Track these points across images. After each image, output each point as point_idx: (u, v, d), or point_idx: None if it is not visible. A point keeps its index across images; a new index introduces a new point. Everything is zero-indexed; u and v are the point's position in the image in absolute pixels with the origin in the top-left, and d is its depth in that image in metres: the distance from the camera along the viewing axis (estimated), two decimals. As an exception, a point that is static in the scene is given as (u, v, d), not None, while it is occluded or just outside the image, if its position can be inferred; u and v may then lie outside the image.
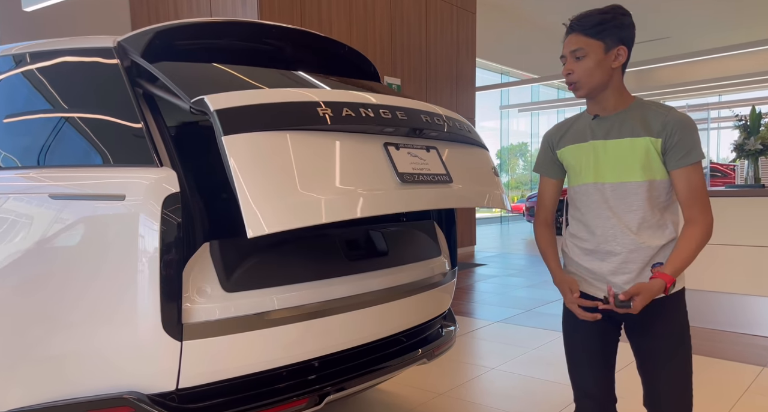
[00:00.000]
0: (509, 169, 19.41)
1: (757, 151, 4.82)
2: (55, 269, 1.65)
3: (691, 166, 1.43)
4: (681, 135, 1.42)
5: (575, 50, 1.46)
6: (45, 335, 1.64)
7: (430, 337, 2.31)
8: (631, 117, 1.48)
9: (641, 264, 1.48)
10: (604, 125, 1.52)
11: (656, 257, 1.48)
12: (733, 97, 14.40)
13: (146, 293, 1.49)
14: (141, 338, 1.53)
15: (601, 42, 1.45)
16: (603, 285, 1.53)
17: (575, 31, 1.47)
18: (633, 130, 1.47)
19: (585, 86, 1.48)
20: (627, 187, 1.47)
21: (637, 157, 1.46)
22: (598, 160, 1.51)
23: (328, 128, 1.52)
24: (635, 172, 1.46)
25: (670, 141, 1.43)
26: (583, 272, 1.58)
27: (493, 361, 3.41)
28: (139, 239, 1.53)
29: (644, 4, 11.04)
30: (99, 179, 1.68)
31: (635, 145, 1.46)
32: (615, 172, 1.49)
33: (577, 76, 1.47)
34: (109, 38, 1.86)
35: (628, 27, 1.48)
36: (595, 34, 1.44)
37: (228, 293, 1.57)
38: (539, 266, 7.44)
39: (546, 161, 1.69)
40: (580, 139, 1.56)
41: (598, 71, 1.45)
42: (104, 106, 1.80)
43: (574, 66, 1.47)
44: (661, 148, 1.44)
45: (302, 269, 1.74)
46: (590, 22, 1.45)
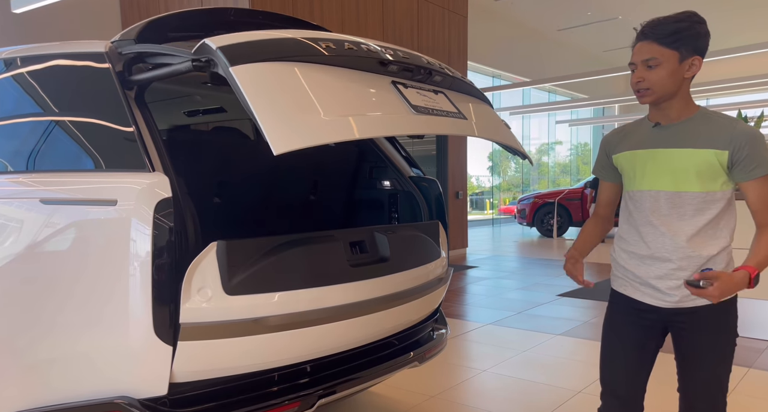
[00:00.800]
0: (501, 171, 19.51)
1: (744, 155, 4.91)
2: (46, 273, 1.65)
3: (762, 178, 1.43)
4: (750, 148, 1.41)
5: (648, 59, 1.43)
6: (36, 339, 1.64)
7: (421, 340, 2.32)
8: (694, 127, 1.47)
9: (691, 272, 1.47)
10: (665, 134, 1.51)
11: (707, 264, 1.48)
12: (721, 101, 14.58)
13: (138, 298, 1.50)
14: (133, 343, 1.53)
15: (677, 52, 1.42)
16: (648, 289, 1.54)
17: (649, 38, 1.43)
18: (696, 141, 1.46)
19: (655, 94, 1.46)
20: (683, 197, 1.47)
21: (696, 168, 1.45)
22: (656, 168, 1.51)
23: (332, 61, 1.51)
24: (692, 182, 1.46)
25: (738, 154, 1.42)
26: (630, 275, 1.59)
27: (485, 363, 3.43)
28: (131, 243, 1.53)
29: (632, 6, 11.16)
30: (90, 184, 1.68)
31: (697, 156, 1.45)
32: (672, 181, 1.48)
33: (648, 84, 1.45)
34: (101, 43, 1.86)
35: (703, 36, 1.44)
36: (671, 44, 1.41)
37: (229, 296, 1.56)
38: (531, 268, 7.48)
39: (602, 165, 1.71)
40: (638, 145, 1.56)
41: (671, 81, 1.43)
42: (96, 110, 1.80)
43: (646, 74, 1.44)
44: (727, 162, 1.43)
45: (305, 274, 1.72)
46: (666, 30, 1.41)
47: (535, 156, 19.43)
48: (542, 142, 18.69)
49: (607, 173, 1.70)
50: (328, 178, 2.64)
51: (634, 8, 11.25)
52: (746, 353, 3.58)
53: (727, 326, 1.53)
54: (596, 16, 11.64)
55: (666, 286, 1.52)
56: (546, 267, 7.53)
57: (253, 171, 2.34)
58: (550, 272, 7.05)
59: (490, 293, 5.66)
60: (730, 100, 14.24)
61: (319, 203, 2.67)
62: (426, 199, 2.51)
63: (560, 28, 12.21)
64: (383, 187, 2.66)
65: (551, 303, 5.19)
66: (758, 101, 12.98)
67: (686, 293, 1.49)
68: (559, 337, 4.01)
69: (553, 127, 17.55)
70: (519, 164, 19.25)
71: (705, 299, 1.40)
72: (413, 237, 2.14)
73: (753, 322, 3.89)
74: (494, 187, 18.90)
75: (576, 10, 11.26)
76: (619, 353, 1.62)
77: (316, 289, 1.71)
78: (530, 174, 19.57)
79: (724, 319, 1.52)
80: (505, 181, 19.73)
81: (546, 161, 19.75)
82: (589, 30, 12.46)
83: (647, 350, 1.61)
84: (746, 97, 14.16)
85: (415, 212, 2.52)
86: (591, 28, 12.34)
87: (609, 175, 1.70)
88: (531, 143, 18.01)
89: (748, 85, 11.01)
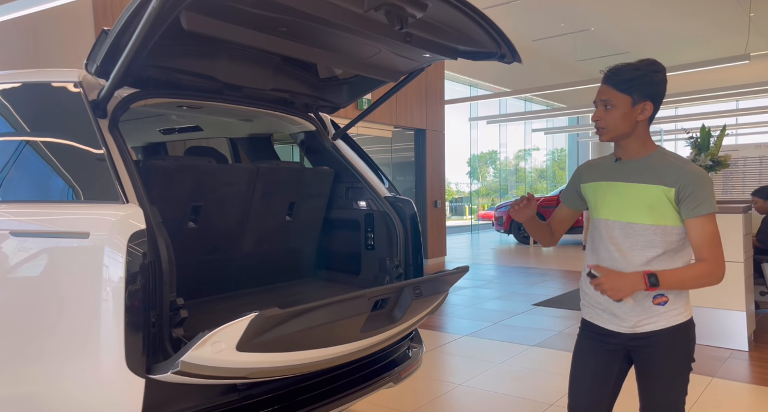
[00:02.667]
0: (480, 176, 19.72)
1: (707, 167, 5.09)
2: (17, 305, 1.64)
3: (704, 216, 1.52)
4: (694, 187, 1.51)
5: (605, 100, 1.57)
6: (7, 372, 1.63)
7: (397, 359, 2.36)
8: (649, 165, 1.59)
9: (641, 296, 1.57)
10: (623, 169, 1.63)
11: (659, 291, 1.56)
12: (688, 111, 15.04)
13: (110, 335, 1.50)
14: (104, 375, 1.53)
15: (629, 96, 1.54)
16: (607, 315, 1.64)
17: (608, 82, 1.57)
18: (648, 177, 1.57)
19: (609, 133, 1.59)
20: (635, 228, 1.58)
21: (647, 202, 1.56)
22: (614, 199, 1.63)
23: None
24: (644, 215, 1.57)
25: (684, 192, 1.52)
26: (592, 302, 1.69)
27: (460, 377, 3.48)
28: (104, 274, 1.53)
29: (604, 19, 11.46)
30: (62, 216, 1.67)
31: (648, 191, 1.56)
32: (626, 213, 1.60)
33: (603, 123, 1.58)
34: (75, 72, 1.86)
35: (657, 84, 1.55)
36: (625, 89, 1.54)
37: (239, 351, 1.53)
38: (508, 276, 7.59)
39: (569, 190, 1.83)
40: (602, 178, 1.68)
41: (623, 122, 1.56)
42: (69, 141, 1.79)
43: (602, 114, 1.58)
44: (674, 198, 1.53)
45: (319, 338, 1.72)
46: (622, 77, 1.54)
47: (512, 162, 19.71)
48: (519, 148, 18.98)
49: (571, 199, 1.82)
50: (304, 199, 2.67)
51: (605, 20, 11.55)
52: (709, 361, 3.70)
53: (684, 350, 1.61)
54: (569, 28, 11.91)
55: (621, 311, 1.60)
56: (523, 275, 7.65)
57: (228, 194, 2.35)
58: (526, 281, 7.16)
59: (468, 303, 5.73)
60: (697, 109, 14.70)
61: (295, 224, 2.69)
62: (401, 219, 2.55)
63: (535, 38, 12.45)
64: (359, 207, 2.69)
65: (527, 313, 5.28)
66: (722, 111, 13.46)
67: (641, 318, 1.58)
68: (533, 348, 4.09)
69: (529, 134, 17.84)
70: (497, 169, 19.49)
71: (602, 292, 1.53)
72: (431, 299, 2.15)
73: (715, 330, 4.03)
74: (473, 192, 19.10)
75: (550, 21, 11.51)
76: (586, 377, 1.70)
77: (323, 349, 1.74)
78: (508, 179, 19.82)
79: (681, 343, 1.60)
80: (483, 186, 19.95)
81: (523, 167, 20.04)
82: (563, 40, 12.74)
83: (612, 375, 1.68)
84: (714, 108, 14.64)
85: (391, 231, 2.56)
86: (565, 39, 12.61)
87: (572, 202, 1.83)
88: (508, 149, 18.27)
89: (713, 96, 11.40)
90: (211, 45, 2.07)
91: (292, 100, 2.57)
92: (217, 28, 1.68)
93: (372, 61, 2.17)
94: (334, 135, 2.76)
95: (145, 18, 1.47)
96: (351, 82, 2.56)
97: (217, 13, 1.65)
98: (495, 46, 2.00)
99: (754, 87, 10.15)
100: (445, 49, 2.06)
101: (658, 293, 1.57)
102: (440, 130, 9.08)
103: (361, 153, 2.80)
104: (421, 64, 2.29)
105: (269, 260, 2.65)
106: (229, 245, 2.46)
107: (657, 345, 1.59)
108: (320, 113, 2.75)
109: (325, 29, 1.85)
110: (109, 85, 1.70)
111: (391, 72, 2.32)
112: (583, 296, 1.74)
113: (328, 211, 2.77)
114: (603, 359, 1.67)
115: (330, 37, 1.94)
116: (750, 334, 4.02)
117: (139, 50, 1.57)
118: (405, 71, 2.35)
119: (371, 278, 2.61)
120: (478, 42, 2.01)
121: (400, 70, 2.33)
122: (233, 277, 2.52)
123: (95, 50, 1.74)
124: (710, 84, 11.55)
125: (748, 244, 4.18)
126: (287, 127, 2.80)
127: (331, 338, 1.76)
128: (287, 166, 2.62)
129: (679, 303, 1.59)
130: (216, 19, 1.66)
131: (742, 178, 6.85)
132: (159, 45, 1.78)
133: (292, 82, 2.47)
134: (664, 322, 1.58)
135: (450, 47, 2.06)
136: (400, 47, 2.02)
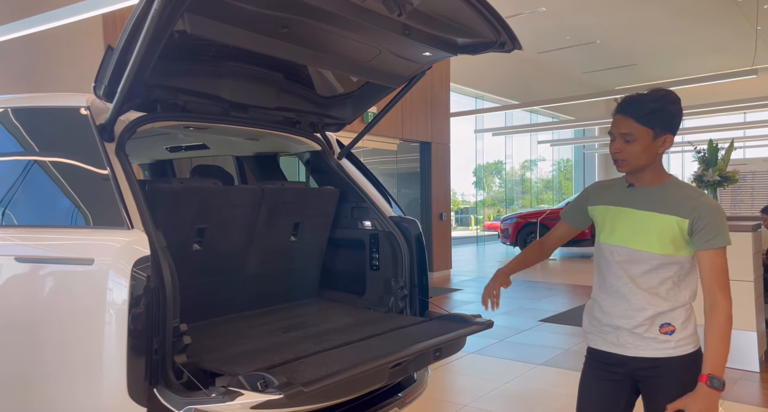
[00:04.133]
0: (486, 187, 19.68)
1: (715, 183, 5.05)
2: (18, 331, 1.64)
3: (716, 250, 1.50)
4: (709, 220, 1.49)
5: (626, 134, 1.54)
6: (8, 397, 1.62)
7: (402, 383, 2.33)
8: (662, 194, 1.57)
9: (647, 319, 1.56)
10: (636, 195, 1.61)
11: (664, 316, 1.56)
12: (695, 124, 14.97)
13: (112, 362, 1.49)
14: (105, 402, 1.52)
15: (651, 130, 1.52)
16: (612, 337, 1.61)
17: (627, 113, 1.53)
18: (661, 206, 1.55)
19: (629, 166, 1.57)
20: (642, 256, 1.56)
21: (657, 231, 1.54)
22: (623, 225, 1.60)
23: None
24: (653, 244, 1.55)
25: (698, 223, 1.50)
26: (597, 325, 1.66)
27: (467, 397, 3.44)
28: (108, 299, 1.52)
29: (610, 31, 11.48)
30: (67, 241, 1.68)
31: (660, 220, 1.54)
32: (634, 240, 1.57)
33: (624, 156, 1.56)
34: (83, 96, 1.88)
35: (676, 115, 1.54)
36: (646, 123, 1.52)
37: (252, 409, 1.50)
38: (514, 291, 7.53)
39: (574, 208, 1.79)
40: (612, 202, 1.66)
41: (645, 155, 1.54)
42: (75, 165, 1.80)
43: (622, 147, 1.55)
44: (688, 229, 1.52)
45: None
46: (642, 109, 1.51)
47: (518, 172, 19.67)
48: (525, 158, 18.95)
49: (574, 217, 1.80)
50: (309, 219, 2.66)
51: (611, 33, 11.57)
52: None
53: (692, 381, 1.56)
54: (575, 40, 11.94)
55: (629, 324, 1.58)
56: (529, 290, 7.59)
57: (233, 215, 2.35)
58: (533, 296, 7.10)
59: (473, 319, 5.68)
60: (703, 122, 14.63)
61: (300, 244, 2.68)
62: (406, 239, 2.54)
63: (541, 50, 12.48)
64: (364, 227, 2.68)
65: (533, 329, 5.23)
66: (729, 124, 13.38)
67: (648, 345, 1.56)
68: (540, 367, 4.04)
69: (535, 145, 17.83)
70: (503, 179, 19.45)
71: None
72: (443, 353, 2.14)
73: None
74: (478, 202, 19.05)
75: (556, 34, 11.54)
76: (592, 408, 1.67)
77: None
78: (514, 190, 19.78)
79: (689, 374, 1.56)
80: (489, 196, 19.90)
81: (529, 177, 19.99)
82: (569, 53, 12.76)
83: (619, 406, 1.65)
84: (719, 120, 14.56)
85: (396, 252, 2.55)
86: (570, 51, 12.64)
87: (574, 220, 1.80)
88: (514, 160, 18.25)
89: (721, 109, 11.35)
90: (215, 63, 2.09)
91: (298, 120, 2.58)
92: (220, 31, 1.69)
93: (373, 64, 2.17)
94: (340, 154, 2.76)
95: (148, 23, 1.47)
96: (354, 95, 2.57)
97: (219, 14, 1.65)
98: (494, 33, 1.98)
99: (762, 100, 10.09)
100: (445, 44, 2.06)
101: (665, 323, 1.55)
102: (446, 143, 9.08)
103: (366, 172, 2.80)
104: (422, 66, 2.29)
105: (274, 280, 2.64)
106: (234, 266, 2.46)
107: (663, 376, 1.56)
108: (326, 132, 2.76)
109: (325, 29, 1.86)
110: (115, 103, 1.70)
111: (393, 77, 2.33)
112: (589, 320, 1.71)
113: (333, 231, 2.77)
114: (610, 389, 1.64)
115: (330, 38, 1.94)
116: (761, 354, 3.95)
117: (144, 61, 1.57)
118: (407, 76, 2.35)
119: (376, 299, 2.60)
120: (476, 31, 2.00)
121: (401, 74, 2.33)
122: (237, 298, 2.51)
123: (102, 70, 1.75)
124: (718, 97, 11.51)
125: (758, 262, 4.13)
126: (293, 147, 2.80)
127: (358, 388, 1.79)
128: (292, 187, 2.62)
129: (686, 333, 1.57)
130: (218, 22, 1.66)
131: (751, 193, 6.79)
132: (164, 63, 1.79)
133: (296, 100, 2.48)
134: (670, 351, 1.56)
135: (449, 41, 2.06)
136: (400, 45, 2.02)
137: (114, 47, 1.68)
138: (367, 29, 1.86)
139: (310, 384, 1.55)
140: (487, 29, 1.96)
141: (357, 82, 2.52)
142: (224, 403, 1.45)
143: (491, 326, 2.26)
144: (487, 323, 2.26)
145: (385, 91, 2.51)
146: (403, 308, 2.52)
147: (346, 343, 2.00)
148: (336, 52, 2.05)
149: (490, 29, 1.96)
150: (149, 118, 1.98)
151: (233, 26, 1.72)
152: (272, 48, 1.86)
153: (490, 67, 12.66)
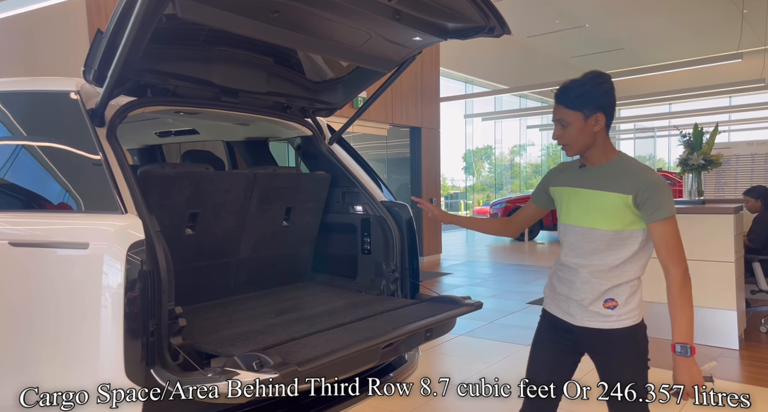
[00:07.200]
0: (475, 172, 19.76)
1: (699, 166, 5.13)
2: (14, 315, 1.65)
3: (662, 220, 1.59)
4: (650, 193, 1.58)
5: (560, 119, 1.66)
6: (5, 381, 1.64)
7: (393, 363, 2.39)
8: (608, 173, 1.67)
9: (592, 294, 1.68)
10: (586, 176, 1.72)
11: (609, 292, 1.67)
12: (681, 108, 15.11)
13: (109, 344, 1.52)
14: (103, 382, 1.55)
15: (580, 112, 1.62)
16: (563, 304, 1.76)
17: (559, 102, 1.66)
18: (606, 184, 1.65)
19: (573, 148, 1.69)
20: (594, 233, 1.66)
21: (603, 209, 1.65)
22: (575, 205, 1.72)
23: None
24: (602, 221, 1.65)
25: (640, 198, 1.59)
26: (553, 293, 1.82)
27: (456, 377, 3.51)
28: (103, 279, 1.54)
29: (598, 15, 11.49)
30: (62, 226, 1.69)
31: (605, 198, 1.65)
32: (585, 218, 1.69)
33: (564, 141, 1.68)
34: (73, 80, 1.87)
35: (604, 95, 1.63)
36: (574, 106, 1.62)
37: None
38: (503, 274, 7.64)
39: (540, 189, 1.91)
40: (567, 183, 1.77)
41: (582, 136, 1.65)
42: (67, 150, 1.80)
43: (561, 133, 1.68)
44: (632, 204, 1.61)
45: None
46: (569, 95, 1.63)
47: (507, 157, 19.75)
48: (514, 143, 19.02)
49: (540, 199, 1.92)
50: (301, 204, 2.68)
51: (600, 17, 11.58)
52: (700, 360, 3.73)
53: (635, 353, 1.70)
54: (564, 25, 11.93)
55: (577, 298, 1.70)
56: (517, 273, 7.70)
57: (226, 200, 2.37)
58: (521, 279, 7.22)
59: (463, 302, 5.77)
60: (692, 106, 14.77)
61: (292, 229, 2.71)
62: (397, 224, 2.58)
63: (530, 34, 12.46)
64: (355, 211, 2.71)
65: (521, 311, 5.33)
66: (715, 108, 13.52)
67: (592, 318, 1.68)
68: (527, 347, 4.12)
69: (524, 130, 17.89)
70: (492, 164, 19.52)
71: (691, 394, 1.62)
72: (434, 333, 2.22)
73: (706, 329, 4.08)
74: (468, 188, 19.14)
75: (545, 18, 11.52)
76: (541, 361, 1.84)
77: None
78: (503, 175, 19.87)
79: (631, 345, 1.69)
80: (479, 181, 20.00)
81: (518, 162, 20.09)
82: (558, 37, 12.76)
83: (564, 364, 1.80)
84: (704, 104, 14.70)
85: (387, 236, 2.58)
86: (559, 35, 12.63)
87: (540, 201, 1.92)
88: (503, 145, 18.31)
89: (706, 93, 11.47)
90: (205, 47, 2.08)
91: (288, 105, 2.58)
92: (210, 16, 1.69)
93: (364, 49, 2.18)
94: (330, 139, 2.77)
95: (137, 7, 1.47)
96: (345, 80, 2.57)
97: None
98: (483, 18, 2.01)
99: (747, 84, 10.21)
100: (435, 28, 2.08)
101: (609, 298, 1.67)
102: (435, 128, 9.09)
103: (357, 157, 2.82)
104: (412, 51, 2.31)
105: (266, 264, 2.67)
106: (227, 251, 2.48)
107: (607, 347, 1.69)
108: (317, 117, 2.76)
109: (315, 13, 1.87)
110: (105, 88, 1.70)
111: (384, 61, 2.34)
112: (549, 288, 1.84)
113: (325, 215, 2.79)
114: (558, 348, 1.79)
115: (321, 23, 1.95)
116: (741, 333, 4.08)
117: (134, 45, 1.57)
118: (397, 60, 2.36)
119: (367, 282, 2.64)
120: (466, 16, 2.02)
121: (391, 59, 2.34)
122: (231, 282, 2.54)
123: (91, 54, 1.74)
124: (703, 81, 11.62)
125: (739, 244, 4.23)
126: (283, 132, 2.81)
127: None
128: (284, 172, 2.64)
129: (628, 308, 1.68)
130: (208, 5, 1.66)
131: (734, 176, 6.91)
132: (154, 48, 1.78)
133: (287, 85, 2.48)
134: (612, 323, 1.67)
135: (439, 25, 2.08)
136: (390, 29, 2.03)
137: (103, 31, 1.67)
138: (358, 14, 1.87)
139: (304, 363, 1.59)
140: (476, 14, 1.98)
141: (347, 67, 2.52)
142: (221, 382, 1.48)
143: (480, 307, 2.32)
144: (476, 304, 2.32)
145: (375, 76, 2.52)
146: (395, 290, 2.56)
147: (339, 325, 2.04)
148: (327, 36, 2.06)
149: (479, 14, 1.98)
150: (140, 103, 1.98)
151: (224, 10, 1.72)
152: (263, 32, 1.87)
153: (480, 52, 12.63)
